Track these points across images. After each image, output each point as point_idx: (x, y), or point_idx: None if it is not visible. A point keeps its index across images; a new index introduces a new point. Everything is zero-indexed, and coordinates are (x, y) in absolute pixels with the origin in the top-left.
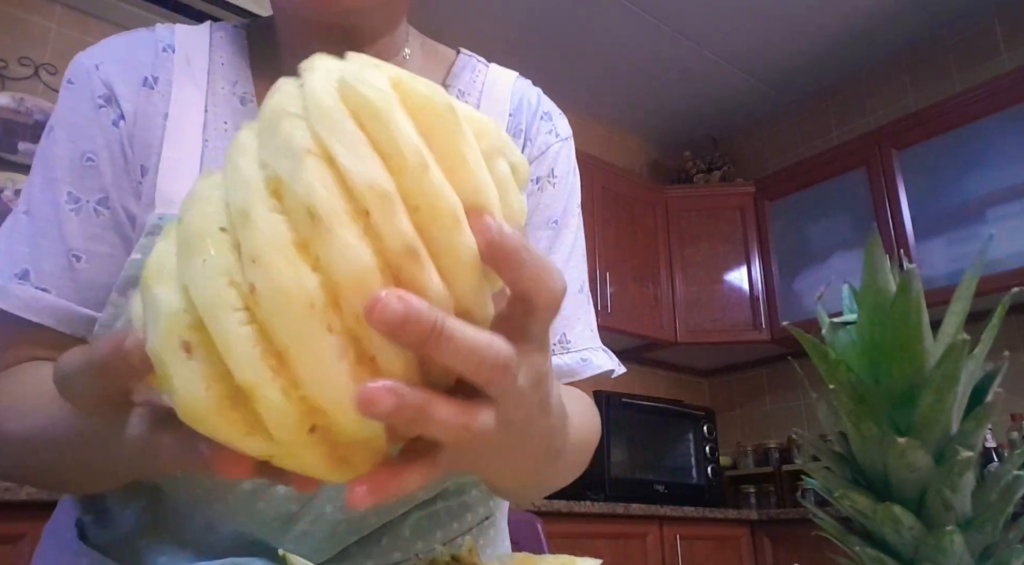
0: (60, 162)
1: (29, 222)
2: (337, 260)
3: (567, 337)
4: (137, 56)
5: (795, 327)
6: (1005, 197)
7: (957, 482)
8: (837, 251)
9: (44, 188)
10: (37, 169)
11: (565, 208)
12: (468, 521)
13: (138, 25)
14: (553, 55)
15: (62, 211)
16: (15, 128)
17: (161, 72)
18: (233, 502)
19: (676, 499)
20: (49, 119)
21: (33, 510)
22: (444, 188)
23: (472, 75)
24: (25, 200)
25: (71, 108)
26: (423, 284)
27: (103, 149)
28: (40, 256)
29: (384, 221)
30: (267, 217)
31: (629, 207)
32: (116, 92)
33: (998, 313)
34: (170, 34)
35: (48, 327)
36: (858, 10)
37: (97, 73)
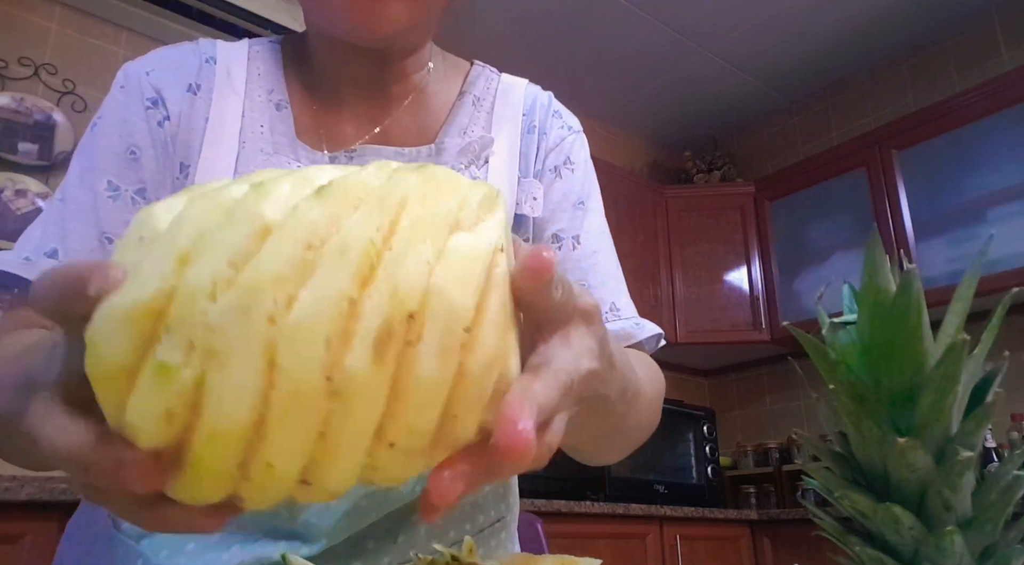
0: (103, 153)
1: (62, 207)
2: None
3: (616, 305)
4: (184, 65)
5: (795, 327)
6: (1005, 197)
7: (957, 482)
8: (837, 251)
9: (82, 177)
10: (76, 161)
11: (588, 192)
12: (480, 522)
13: (138, 25)
14: (554, 55)
15: (100, 197)
16: (15, 128)
17: (204, 81)
18: None
19: (676, 499)
20: (95, 117)
21: (33, 510)
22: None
23: (486, 83)
24: (61, 189)
25: (121, 106)
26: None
27: (148, 145)
28: (69, 236)
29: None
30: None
31: (629, 207)
32: (164, 95)
33: (998, 313)
34: (212, 47)
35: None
36: (858, 10)
37: (148, 78)
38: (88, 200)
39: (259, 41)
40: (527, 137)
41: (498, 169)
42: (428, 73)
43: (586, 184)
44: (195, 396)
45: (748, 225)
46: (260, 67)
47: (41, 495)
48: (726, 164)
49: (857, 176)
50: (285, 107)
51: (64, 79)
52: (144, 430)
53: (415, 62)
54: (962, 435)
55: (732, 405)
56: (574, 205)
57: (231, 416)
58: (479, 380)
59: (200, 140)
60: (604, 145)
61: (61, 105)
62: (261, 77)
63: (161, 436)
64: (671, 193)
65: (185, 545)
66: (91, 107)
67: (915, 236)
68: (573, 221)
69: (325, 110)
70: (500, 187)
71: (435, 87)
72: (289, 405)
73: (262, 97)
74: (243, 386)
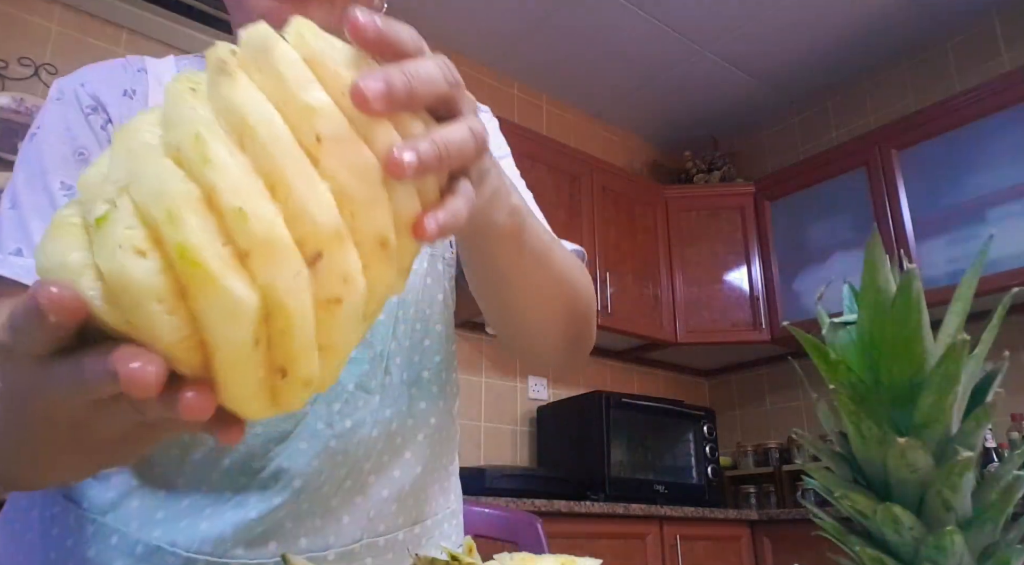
0: (51, 158)
1: (15, 213)
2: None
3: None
4: (116, 75)
5: (795, 327)
6: (1005, 197)
7: (957, 482)
8: (837, 251)
9: (31, 182)
10: (20, 170)
11: (504, 158)
12: (427, 513)
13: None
14: (554, 55)
15: (56, 196)
16: (15, 128)
17: (138, 86)
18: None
19: (676, 499)
20: (30, 129)
21: None
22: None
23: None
24: (9, 197)
25: (60, 116)
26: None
27: (95, 146)
28: (30, 235)
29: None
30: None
31: (629, 207)
32: (102, 101)
33: (998, 313)
34: (141, 61)
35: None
36: (858, 10)
37: (83, 89)
38: (44, 201)
39: (185, 56)
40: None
41: None
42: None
43: (500, 154)
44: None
45: (748, 225)
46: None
47: None
48: (726, 164)
49: (857, 176)
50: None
51: None
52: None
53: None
54: (962, 435)
55: (732, 405)
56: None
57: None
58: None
59: None
60: (604, 145)
61: None
62: None
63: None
64: (671, 193)
65: (155, 514)
66: None
67: (915, 236)
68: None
69: None
70: None
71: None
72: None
73: None
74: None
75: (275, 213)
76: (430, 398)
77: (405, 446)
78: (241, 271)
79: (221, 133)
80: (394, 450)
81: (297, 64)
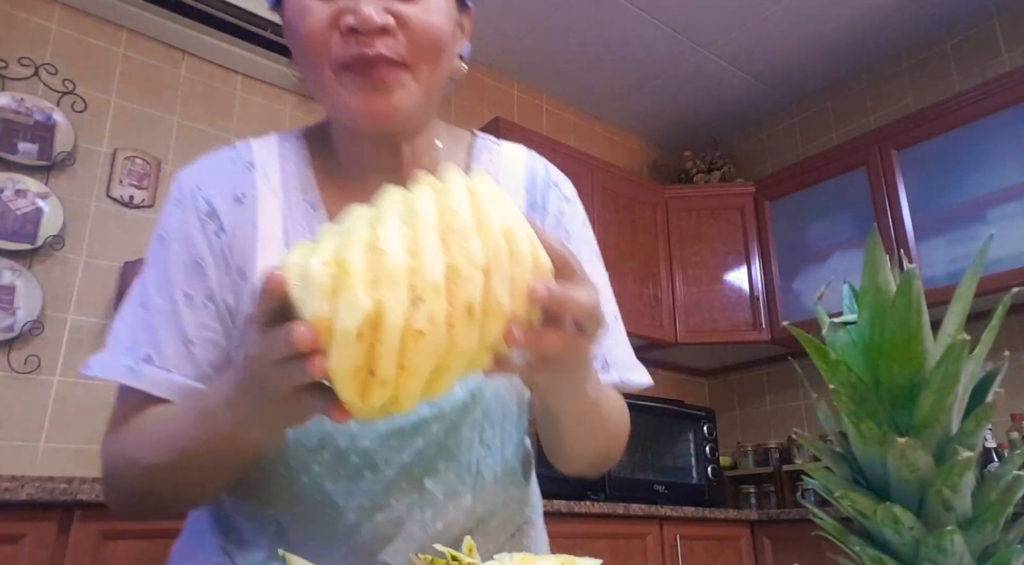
0: (175, 266)
1: (147, 314)
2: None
3: (608, 361)
4: (227, 176)
5: (795, 327)
6: (1005, 197)
7: (957, 482)
8: (837, 251)
9: (160, 287)
10: (151, 270)
11: (582, 257)
12: (509, 529)
13: (138, 25)
14: (554, 55)
15: (179, 306)
16: (15, 128)
17: (247, 188)
18: (342, 526)
19: (676, 499)
20: (157, 229)
21: (33, 510)
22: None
23: (489, 156)
24: (141, 295)
25: (180, 221)
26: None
27: (209, 256)
28: (160, 342)
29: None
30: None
31: (629, 207)
32: (215, 207)
33: (998, 313)
34: (249, 151)
35: (168, 399)
36: (858, 10)
37: (200, 193)
38: (169, 308)
39: (286, 137)
40: (529, 213)
41: None
42: (438, 149)
43: (580, 252)
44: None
45: (748, 225)
46: (291, 167)
47: (41, 495)
48: (726, 164)
49: (857, 176)
50: (320, 206)
51: (64, 79)
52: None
53: (425, 143)
54: (962, 435)
55: (732, 405)
56: None
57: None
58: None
59: (253, 248)
60: (604, 145)
61: (61, 105)
62: (294, 177)
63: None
64: (671, 193)
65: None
66: (91, 107)
67: (915, 236)
68: None
69: (352, 201)
70: None
71: (444, 164)
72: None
73: (297, 197)
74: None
75: (404, 262)
76: (517, 482)
77: (493, 518)
78: (369, 289)
79: (397, 214)
80: (487, 532)
81: (462, 191)
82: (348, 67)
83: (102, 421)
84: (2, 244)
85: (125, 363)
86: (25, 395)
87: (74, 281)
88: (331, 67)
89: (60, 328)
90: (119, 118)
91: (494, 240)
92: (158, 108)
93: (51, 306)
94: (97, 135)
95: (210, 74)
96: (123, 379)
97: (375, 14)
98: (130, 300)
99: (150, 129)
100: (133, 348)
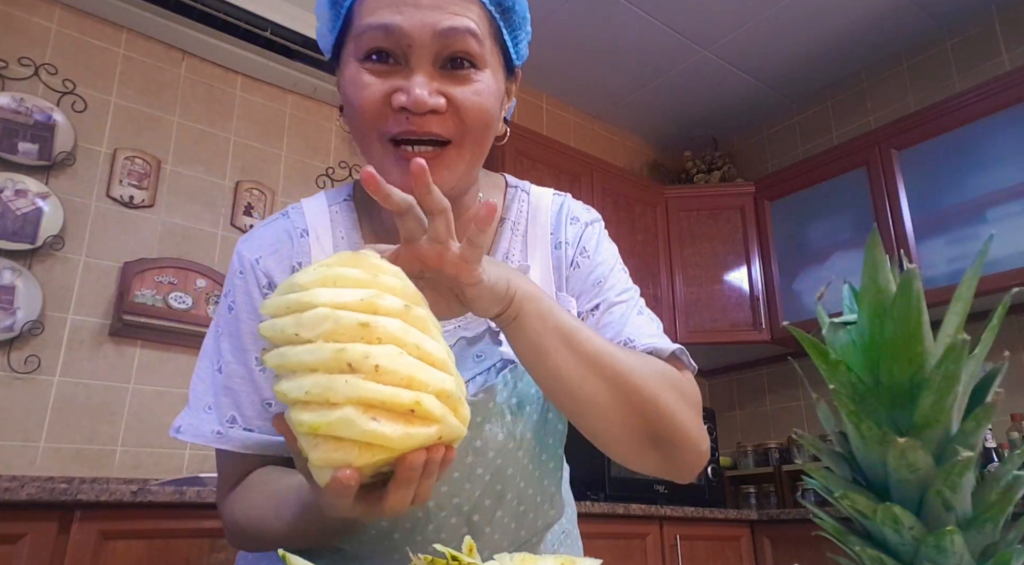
0: (246, 335)
1: (225, 378)
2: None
3: (631, 338)
4: (284, 246)
5: (795, 327)
6: (1005, 197)
7: (957, 482)
8: (837, 251)
9: (235, 354)
10: (225, 338)
11: (603, 274)
12: (538, 526)
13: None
14: (555, 55)
15: (254, 372)
16: (15, 128)
17: (303, 257)
18: (396, 556)
19: (676, 499)
20: (226, 296)
21: (33, 510)
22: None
23: (519, 206)
24: (215, 359)
25: (246, 293)
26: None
27: None
28: (241, 404)
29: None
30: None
31: (629, 207)
32: (274, 280)
33: (998, 313)
34: (301, 218)
35: (256, 455)
36: (858, 10)
37: (258, 266)
38: (245, 373)
39: (335, 198)
40: (555, 253)
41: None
42: (478, 200)
43: (601, 263)
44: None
45: (748, 225)
46: (342, 230)
47: (41, 495)
48: (726, 164)
49: (857, 176)
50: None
51: (64, 79)
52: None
53: (471, 198)
54: (962, 435)
55: (732, 405)
56: (592, 285)
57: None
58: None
59: None
60: (604, 145)
61: (61, 105)
62: (344, 240)
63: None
64: (671, 193)
65: None
66: (91, 107)
67: (915, 236)
68: (593, 299)
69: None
70: None
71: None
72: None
73: None
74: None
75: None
76: (557, 505)
77: (535, 537)
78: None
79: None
80: (530, 548)
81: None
82: (396, 141)
83: (102, 421)
84: (2, 244)
85: (213, 428)
86: (25, 395)
87: (74, 281)
88: (380, 140)
89: (60, 328)
90: (119, 118)
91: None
92: (158, 108)
93: (51, 306)
94: (97, 135)
95: (210, 74)
96: (213, 443)
97: (427, 96)
98: (206, 361)
99: (150, 129)
100: (220, 412)
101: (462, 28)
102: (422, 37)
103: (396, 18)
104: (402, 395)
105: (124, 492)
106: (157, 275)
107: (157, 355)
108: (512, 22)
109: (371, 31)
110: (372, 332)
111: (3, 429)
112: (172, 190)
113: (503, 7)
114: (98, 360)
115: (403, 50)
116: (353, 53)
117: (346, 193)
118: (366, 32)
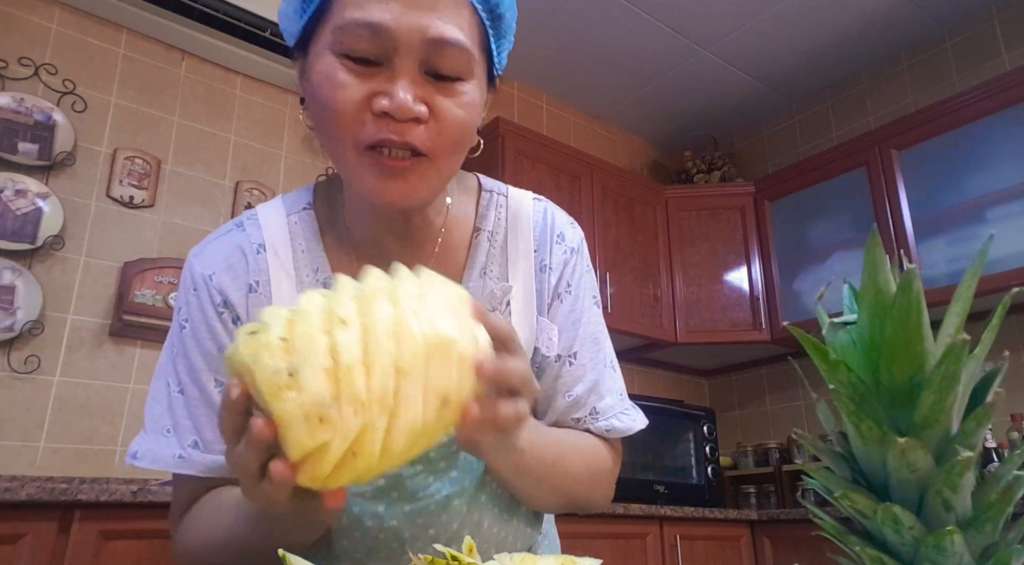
0: (203, 355)
1: (185, 401)
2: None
3: (596, 409)
4: (238, 264)
5: (795, 327)
6: (1005, 197)
7: (957, 482)
8: (837, 251)
9: (192, 375)
10: (180, 358)
11: (581, 308)
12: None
13: (138, 25)
14: (555, 55)
15: (211, 393)
16: (15, 128)
17: (260, 275)
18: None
19: (676, 499)
20: (179, 313)
21: (33, 510)
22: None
23: (496, 213)
24: (175, 381)
25: (200, 311)
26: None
27: (229, 343)
28: (202, 428)
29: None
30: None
31: (629, 207)
32: (230, 300)
33: (998, 313)
34: (257, 230)
35: (218, 478)
36: (858, 10)
37: (212, 283)
38: (203, 396)
39: (293, 206)
40: (539, 275)
41: (518, 312)
42: (448, 210)
43: (580, 300)
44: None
45: (748, 225)
46: (302, 243)
47: (41, 495)
48: (726, 164)
49: (857, 176)
50: (332, 284)
51: (64, 79)
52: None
53: (436, 207)
54: (962, 435)
55: (732, 405)
56: (572, 324)
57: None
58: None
59: None
60: (604, 145)
61: (61, 105)
62: (305, 254)
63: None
64: (671, 193)
65: None
66: (91, 107)
67: (915, 236)
68: (571, 341)
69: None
70: (520, 328)
71: (453, 224)
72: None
73: (310, 277)
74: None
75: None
76: (534, 524)
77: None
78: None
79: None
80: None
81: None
82: (372, 148)
83: (102, 421)
84: (2, 244)
85: (174, 452)
86: (25, 395)
87: (74, 281)
88: (356, 148)
89: (60, 328)
90: (119, 118)
91: (411, 346)
92: (158, 108)
93: (51, 306)
94: (97, 135)
95: (210, 74)
96: (174, 469)
97: (411, 102)
98: (162, 382)
99: (150, 129)
100: (182, 436)
101: (452, 40)
102: (410, 41)
103: (384, 16)
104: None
105: (124, 492)
106: (157, 275)
107: (157, 355)
108: (500, 31)
109: (356, 28)
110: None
111: (3, 429)
112: (172, 190)
113: (494, 14)
114: (98, 360)
115: (387, 52)
116: (330, 46)
117: (305, 200)
118: (349, 27)
